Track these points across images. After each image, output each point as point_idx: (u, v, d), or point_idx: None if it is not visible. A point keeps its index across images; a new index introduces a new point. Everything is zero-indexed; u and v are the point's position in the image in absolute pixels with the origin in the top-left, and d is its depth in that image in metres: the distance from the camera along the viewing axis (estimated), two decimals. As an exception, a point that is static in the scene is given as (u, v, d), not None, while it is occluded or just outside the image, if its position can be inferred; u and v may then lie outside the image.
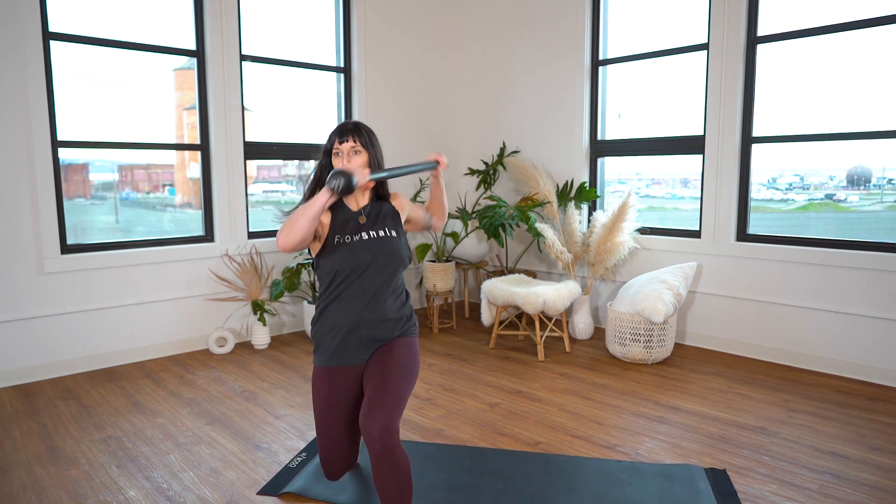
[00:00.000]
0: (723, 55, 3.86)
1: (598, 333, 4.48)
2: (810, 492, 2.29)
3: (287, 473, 2.44)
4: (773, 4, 3.72)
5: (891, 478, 2.39)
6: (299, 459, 2.56)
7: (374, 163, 2.15)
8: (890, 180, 3.65)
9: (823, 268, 3.59)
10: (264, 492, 2.30)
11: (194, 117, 4.12)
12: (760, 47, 3.79)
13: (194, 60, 4.05)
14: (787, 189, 3.99)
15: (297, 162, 4.79)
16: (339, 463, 2.23)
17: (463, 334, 4.55)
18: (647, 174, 4.65)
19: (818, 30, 3.56)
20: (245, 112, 4.24)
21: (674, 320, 3.82)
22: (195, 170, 4.17)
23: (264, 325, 4.13)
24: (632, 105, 4.54)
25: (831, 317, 3.57)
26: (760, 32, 3.77)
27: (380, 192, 2.28)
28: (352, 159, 2.10)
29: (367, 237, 2.12)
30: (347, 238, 2.10)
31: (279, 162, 4.73)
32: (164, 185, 4.16)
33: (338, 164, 2.12)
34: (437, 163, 2.28)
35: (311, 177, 2.22)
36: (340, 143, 2.12)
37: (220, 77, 4.07)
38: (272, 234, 4.45)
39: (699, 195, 4.11)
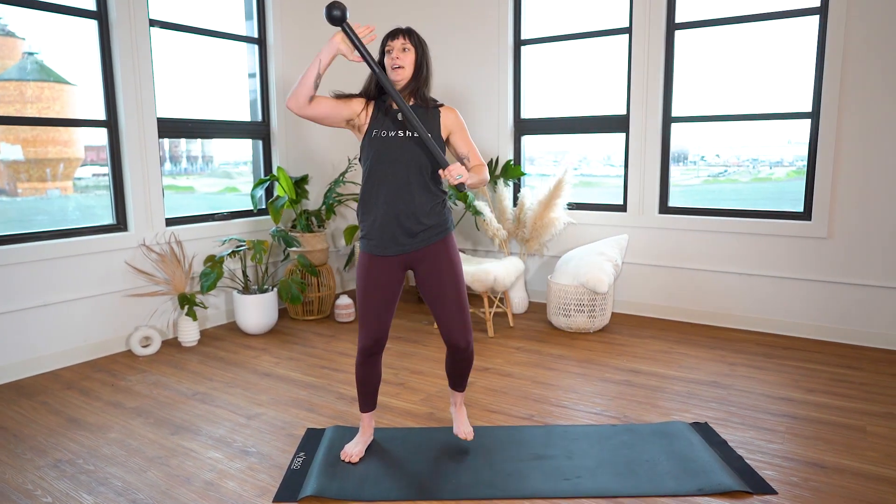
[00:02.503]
0: (645, 39, 4.11)
1: (533, 307, 4.64)
2: (782, 433, 2.58)
3: (295, 476, 2.27)
4: (689, -6, 4.04)
5: (834, 413, 2.77)
6: (300, 459, 2.39)
7: (422, 62, 2.19)
8: (703, 157, 4.27)
9: (735, 235, 4.00)
10: (281, 499, 2.13)
11: (2, 91, 3.50)
12: (677, 33, 4.09)
13: (6, 26, 3.43)
14: (621, 166, 4.42)
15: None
16: (376, 346, 2.29)
17: (400, 316, 4.48)
18: (560, 151, 4.86)
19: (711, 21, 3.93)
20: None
21: (612, 289, 4.06)
22: (6, 151, 3.48)
23: (194, 319, 3.77)
24: (556, 84, 4.69)
25: (744, 279, 4.01)
26: (679, 20, 4.07)
27: (420, 98, 2.24)
28: (401, 56, 2.15)
29: (402, 135, 2.18)
30: (384, 133, 2.19)
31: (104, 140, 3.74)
32: None
33: (388, 61, 2.16)
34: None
35: (368, 80, 2.28)
36: (392, 39, 2.16)
37: (127, 44, 3.58)
38: (192, 220, 4.05)
39: (622, 171, 4.38)
